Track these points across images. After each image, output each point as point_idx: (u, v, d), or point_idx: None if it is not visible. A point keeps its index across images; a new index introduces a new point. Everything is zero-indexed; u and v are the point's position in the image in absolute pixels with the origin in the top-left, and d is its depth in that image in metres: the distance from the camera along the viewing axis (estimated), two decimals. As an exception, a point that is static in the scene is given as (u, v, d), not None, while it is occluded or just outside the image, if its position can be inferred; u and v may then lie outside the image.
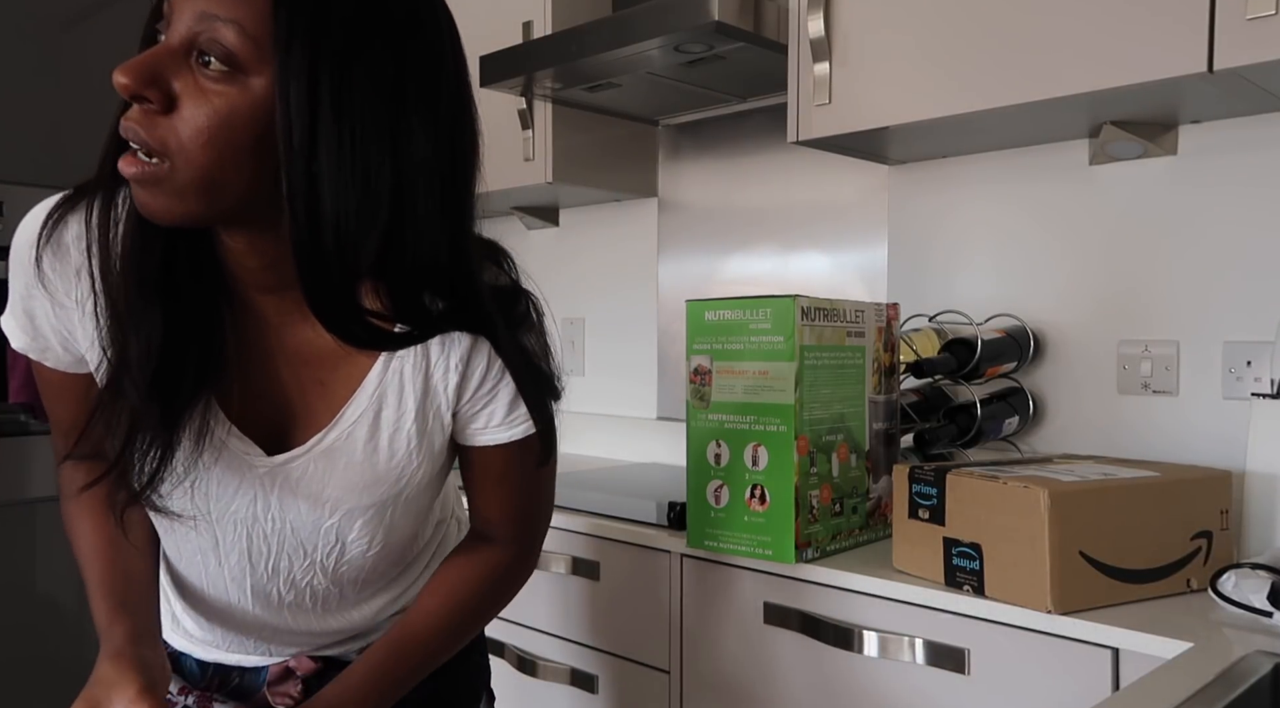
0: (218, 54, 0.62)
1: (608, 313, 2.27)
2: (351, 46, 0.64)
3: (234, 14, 0.62)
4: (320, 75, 0.63)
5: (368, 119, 0.65)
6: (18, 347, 0.81)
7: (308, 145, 0.63)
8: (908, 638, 1.14)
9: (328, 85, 0.63)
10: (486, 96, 2.03)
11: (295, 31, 0.62)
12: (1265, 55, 1.08)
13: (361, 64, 0.64)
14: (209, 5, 0.62)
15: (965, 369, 1.47)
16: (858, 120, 1.44)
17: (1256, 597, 0.98)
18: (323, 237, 0.66)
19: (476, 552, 0.93)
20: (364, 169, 0.65)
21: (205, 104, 0.63)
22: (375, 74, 0.65)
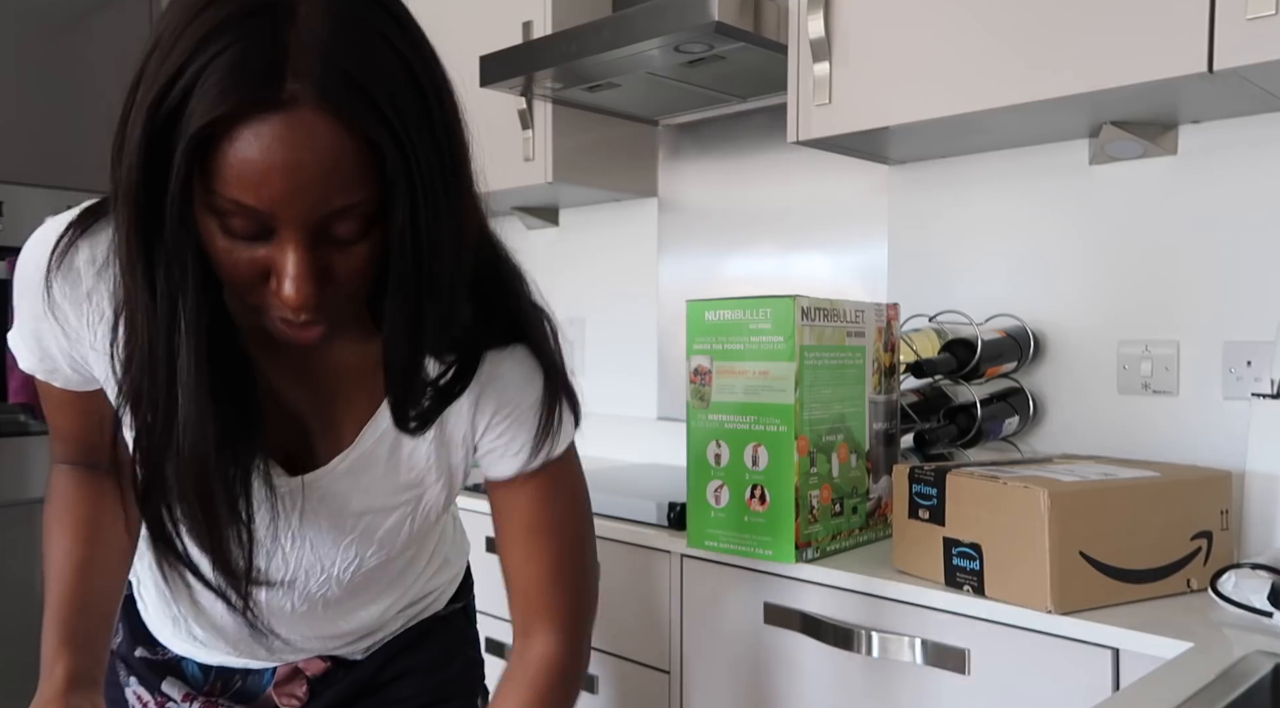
0: (349, 236, 0.64)
1: (608, 313, 2.27)
2: (444, 165, 0.65)
3: (349, 201, 0.62)
4: (427, 202, 0.64)
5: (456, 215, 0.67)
6: (25, 368, 0.81)
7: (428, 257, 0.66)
8: (908, 638, 1.14)
9: (437, 208, 0.65)
10: (486, 96, 2.04)
11: (404, 184, 0.63)
12: (1265, 55, 1.08)
13: (449, 176, 0.66)
14: (321, 203, 0.61)
15: (965, 369, 1.47)
16: (858, 120, 1.44)
17: (1256, 597, 0.98)
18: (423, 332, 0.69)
19: (526, 665, 0.85)
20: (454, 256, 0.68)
21: (353, 261, 0.65)
22: (459, 173, 0.68)
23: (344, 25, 0.60)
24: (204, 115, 0.57)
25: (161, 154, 0.59)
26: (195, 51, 0.58)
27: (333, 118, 0.59)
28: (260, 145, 0.58)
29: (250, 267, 0.63)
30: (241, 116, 0.58)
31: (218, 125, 0.58)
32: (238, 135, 0.58)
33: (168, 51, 0.59)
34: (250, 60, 0.57)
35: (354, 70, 0.59)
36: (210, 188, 0.60)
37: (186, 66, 0.58)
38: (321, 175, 0.59)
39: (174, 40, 0.59)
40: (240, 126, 0.58)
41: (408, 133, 0.61)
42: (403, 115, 0.61)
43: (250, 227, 0.61)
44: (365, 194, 0.62)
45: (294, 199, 0.59)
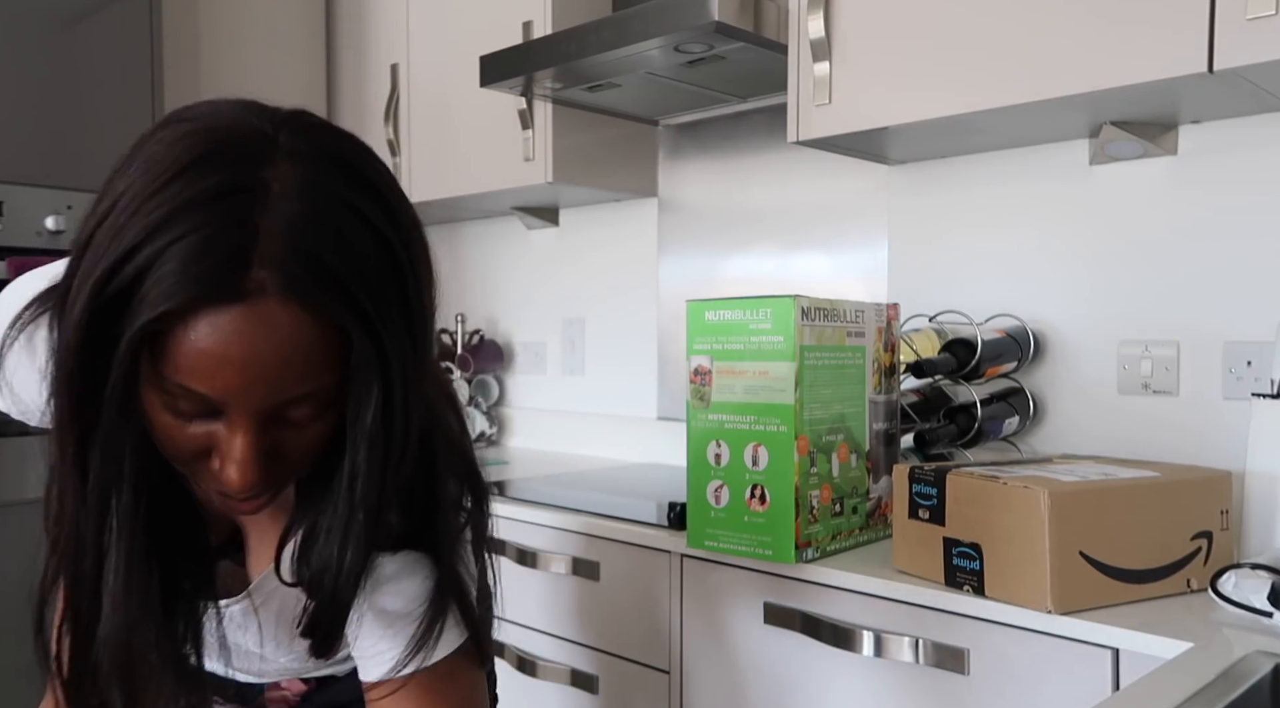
0: (303, 420, 0.59)
1: (608, 313, 2.27)
2: (415, 349, 0.61)
3: (308, 389, 0.57)
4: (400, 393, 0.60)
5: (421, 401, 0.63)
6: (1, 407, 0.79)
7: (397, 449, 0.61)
8: (908, 638, 1.14)
9: (407, 398, 0.60)
10: (487, 96, 2.04)
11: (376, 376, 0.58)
12: (1265, 55, 1.08)
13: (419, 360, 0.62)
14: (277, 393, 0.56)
15: (965, 369, 1.47)
16: (858, 120, 1.44)
17: (1256, 597, 0.98)
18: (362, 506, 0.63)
19: None
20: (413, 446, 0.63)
21: (305, 440, 0.60)
22: (427, 354, 0.63)
23: (319, 204, 0.55)
24: (156, 305, 0.52)
25: (105, 338, 0.54)
26: (154, 231, 0.53)
27: (299, 308, 0.54)
28: (217, 338, 0.53)
29: (194, 441, 0.59)
30: (200, 308, 0.53)
31: (171, 318, 0.53)
32: (193, 324, 0.53)
33: (123, 223, 0.53)
34: (215, 248, 0.52)
35: (326, 255, 0.54)
36: (159, 371, 0.55)
37: (142, 246, 0.52)
38: (281, 367, 0.55)
39: (131, 211, 0.53)
40: (197, 317, 0.53)
41: (380, 318, 0.57)
42: (376, 300, 0.56)
43: (199, 409, 0.57)
44: (326, 380, 0.58)
45: (249, 390, 0.55)
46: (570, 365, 2.34)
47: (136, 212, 0.53)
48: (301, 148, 0.57)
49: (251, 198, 0.54)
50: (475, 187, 2.10)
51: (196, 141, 0.55)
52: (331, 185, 0.56)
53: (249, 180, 0.54)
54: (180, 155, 0.54)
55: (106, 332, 0.54)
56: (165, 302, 0.52)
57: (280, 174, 0.55)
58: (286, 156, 0.56)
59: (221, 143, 0.55)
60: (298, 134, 0.57)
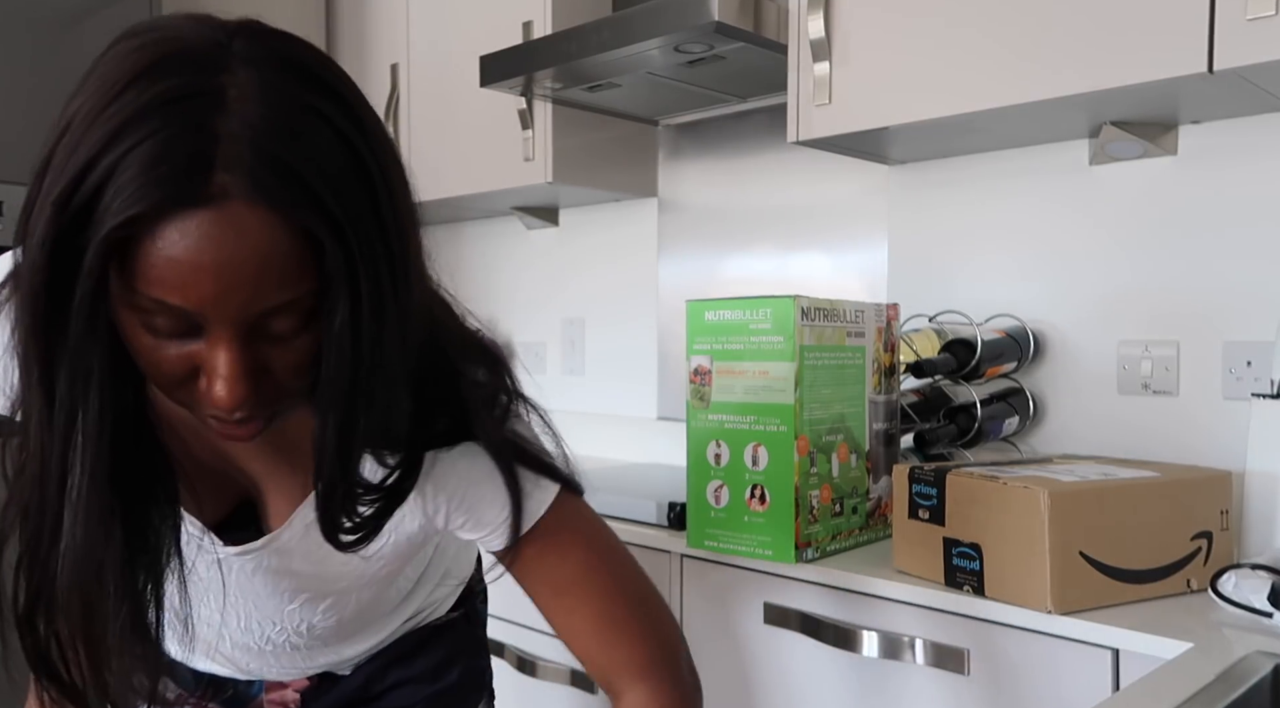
0: (286, 332, 0.59)
1: (608, 313, 2.27)
2: (390, 254, 0.60)
3: (286, 297, 0.56)
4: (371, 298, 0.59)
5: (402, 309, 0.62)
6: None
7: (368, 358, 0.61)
8: (908, 638, 1.14)
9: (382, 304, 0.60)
10: (487, 96, 2.04)
11: (345, 279, 0.58)
12: (1265, 55, 1.08)
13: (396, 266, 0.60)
14: (255, 302, 0.55)
15: (965, 369, 1.47)
16: (858, 120, 1.44)
17: (1256, 597, 0.98)
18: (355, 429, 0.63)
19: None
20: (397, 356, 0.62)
21: (291, 356, 0.60)
22: (407, 261, 0.62)
23: (279, 108, 0.54)
24: (120, 212, 0.51)
25: (70, 252, 0.53)
26: (111, 140, 0.52)
27: (266, 210, 0.53)
28: (186, 244, 0.52)
29: (177, 363, 0.58)
30: (164, 213, 0.52)
31: (137, 223, 0.52)
32: (160, 233, 0.52)
33: (79, 139, 0.53)
34: (174, 152, 0.52)
35: (290, 157, 0.54)
36: (131, 286, 0.54)
37: (99, 158, 0.52)
38: (255, 273, 0.54)
39: (86, 126, 0.53)
40: (163, 224, 0.52)
41: (350, 222, 0.56)
42: (344, 203, 0.56)
43: (177, 325, 0.56)
44: (305, 288, 0.57)
45: (225, 299, 0.54)
46: (570, 365, 2.34)
47: (92, 124, 0.53)
48: (257, 54, 0.56)
49: (208, 102, 0.53)
50: (475, 186, 2.10)
51: (147, 53, 0.54)
52: (290, 88, 0.55)
53: (205, 85, 0.53)
54: (132, 66, 0.54)
55: (70, 248, 0.53)
56: (128, 208, 0.51)
57: (237, 80, 0.54)
58: (242, 63, 0.55)
59: (174, 52, 0.55)
60: (252, 40, 0.57)
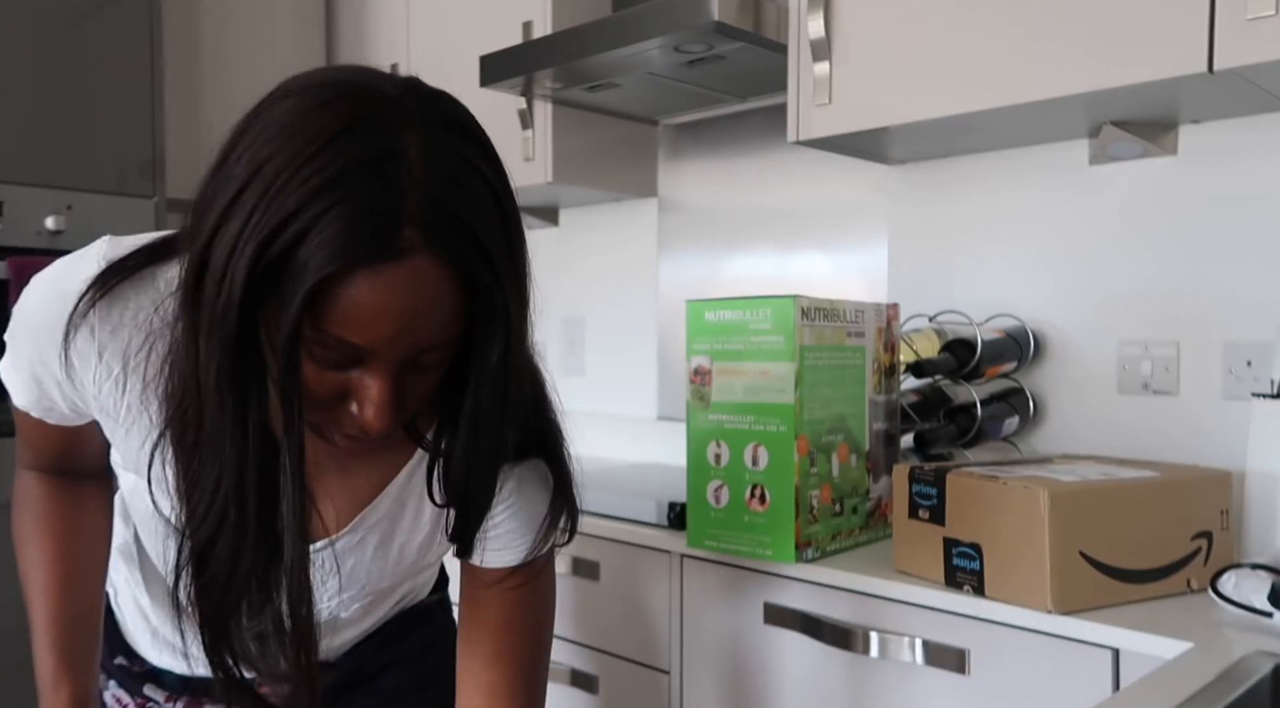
0: (430, 365, 0.65)
1: (608, 313, 2.27)
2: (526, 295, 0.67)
3: (444, 338, 0.63)
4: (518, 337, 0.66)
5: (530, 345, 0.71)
6: (20, 404, 0.80)
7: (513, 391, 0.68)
8: (908, 638, 1.14)
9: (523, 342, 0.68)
10: (487, 96, 2.04)
11: (501, 322, 0.64)
12: (1265, 55, 1.08)
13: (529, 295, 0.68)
14: (421, 342, 0.62)
15: (965, 369, 1.47)
16: (858, 120, 1.44)
17: (1257, 597, 0.98)
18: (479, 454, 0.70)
19: None
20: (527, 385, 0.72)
21: (425, 386, 0.67)
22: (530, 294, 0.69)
23: (448, 164, 0.61)
24: (324, 267, 0.57)
25: (262, 293, 0.58)
26: (312, 198, 0.57)
27: (443, 261, 0.60)
28: (376, 294, 0.58)
29: (331, 388, 0.64)
30: (360, 267, 0.58)
31: (336, 275, 0.58)
32: (353, 282, 0.58)
33: (277, 190, 0.57)
34: (372, 211, 0.57)
35: (460, 211, 0.60)
36: (315, 324, 0.60)
37: (301, 212, 0.57)
38: (427, 317, 0.61)
39: (285, 179, 0.57)
40: (356, 275, 0.58)
41: (505, 268, 0.63)
42: (500, 251, 0.62)
43: (344, 358, 0.62)
44: (455, 329, 0.63)
45: (399, 340, 0.61)
46: (570, 365, 2.34)
47: (291, 179, 0.57)
48: (425, 111, 0.62)
49: (395, 162, 0.58)
50: (475, 187, 2.10)
51: (338, 111, 0.59)
52: (454, 144, 0.62)
53: (391, 146, 0.59)
54: (325, 124, 0.58)
55: (265, 289, 0.58)
56: (331, 263, 0.57)
57: (414, 138, 0.60)
58: (415, 121, 0.60)
59: (361, 111, 0.60)
60: (419, 99, 0.62)
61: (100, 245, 0.73)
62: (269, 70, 2.72)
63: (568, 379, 2.35)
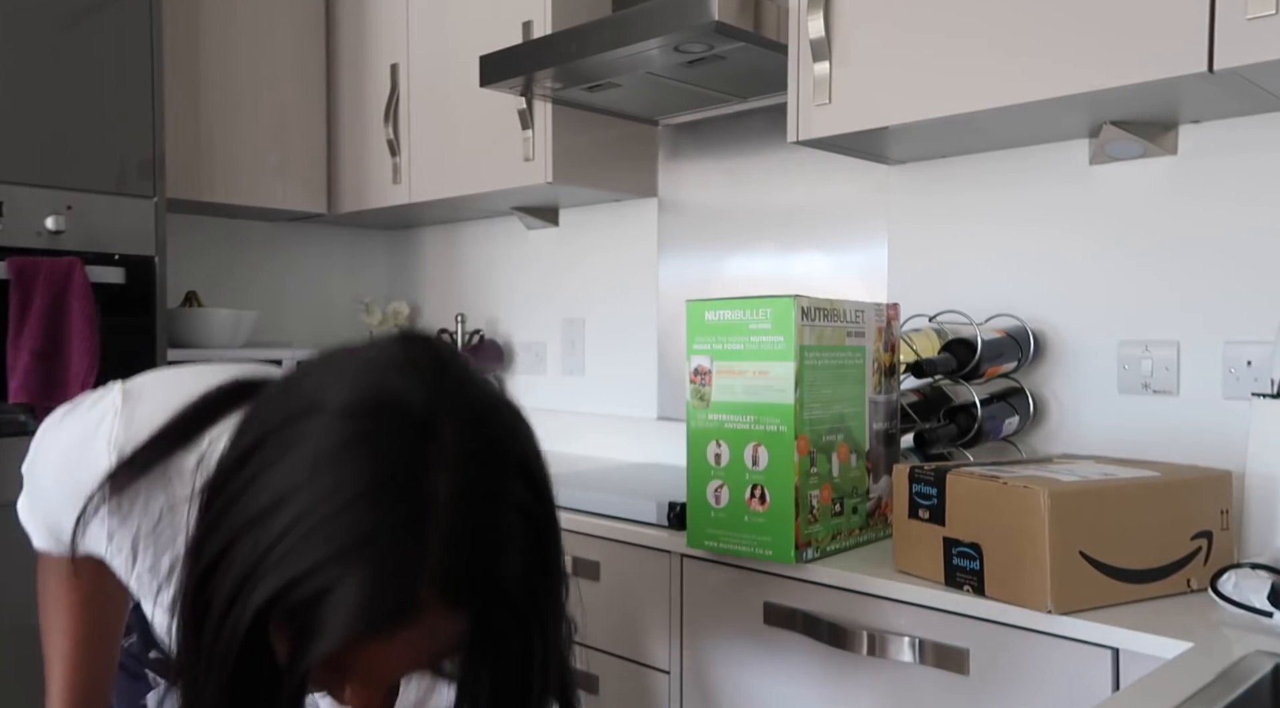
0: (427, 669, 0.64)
1: (608, 313, 2.27)
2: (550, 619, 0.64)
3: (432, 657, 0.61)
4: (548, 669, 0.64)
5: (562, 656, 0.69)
6: (38, 547, 0.85)
7: None
8: (908, 638, 1.14)
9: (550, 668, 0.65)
10: (487, 96, 2.04)
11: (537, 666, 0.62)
12: (1265, 55, 1.08)
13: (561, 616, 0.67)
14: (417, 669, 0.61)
15: (965, 369, 1.47)
16: (858, 120, 1.44)
17: (1257, 597, 0.98)
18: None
19: None
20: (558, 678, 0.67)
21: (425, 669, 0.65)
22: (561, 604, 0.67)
23: (478, 512, 0.58)
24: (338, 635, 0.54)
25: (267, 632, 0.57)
26: (335, 558, 0.54)
27: (457, 612, 0.57)
28: (382, 649, 0.57)
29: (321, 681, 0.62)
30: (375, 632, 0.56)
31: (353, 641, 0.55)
32: (365, 643, 0.56)
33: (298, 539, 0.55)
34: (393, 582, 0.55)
35: (485, 563, 0.57)
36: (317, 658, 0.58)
37: (321, 569, 0.54)
38: (430, 657, 0.60)
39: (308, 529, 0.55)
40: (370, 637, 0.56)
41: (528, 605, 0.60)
42: (526, 590, 0.59)
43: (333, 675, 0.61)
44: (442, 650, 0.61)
45: (395, 674, 0.60)
46: (570, 365, 2.34)
47: (314, 532, 0.55)
48: (461, 445, 0.58)
49: (421, 519, 0.55)
50: (475, 186, 2.10)
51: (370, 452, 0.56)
52: (489, 484, 0.58)
53: (420, 498, 0.56)
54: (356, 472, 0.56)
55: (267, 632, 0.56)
56: (347, 631, 0.54)
57: (445, 479, 0.57)
58: (449, 459, 0.57)
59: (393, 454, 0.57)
60: (459, 428, 0.59)
61: (111, 425, 0.74)
62: (269, 70, 2.72)
63: (568, 379, 2.35)
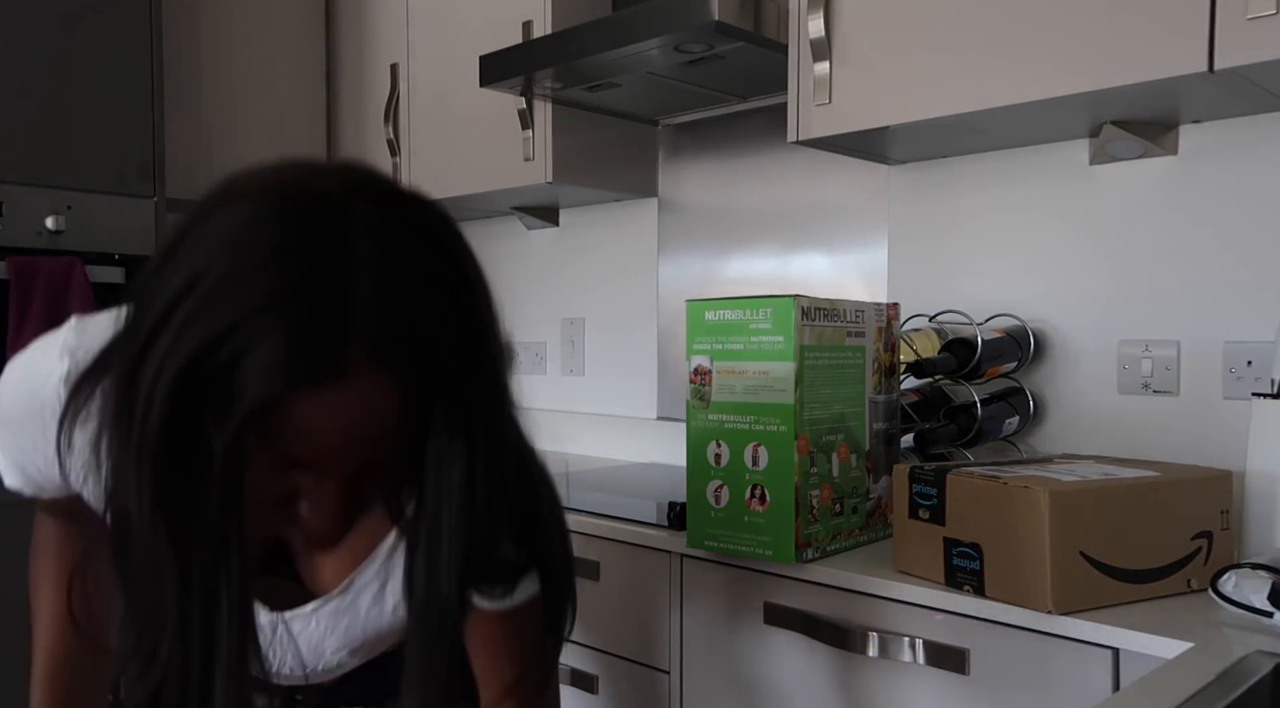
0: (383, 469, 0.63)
1: (608, 313, 2.27)
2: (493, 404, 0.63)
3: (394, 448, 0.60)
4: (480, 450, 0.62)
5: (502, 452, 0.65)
6: (10, 486, 0.82)
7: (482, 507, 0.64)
8: (908, 638, 1.14)
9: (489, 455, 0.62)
10: (487, 96, 2.04)
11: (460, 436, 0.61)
12: (1265, 55, 1.08)
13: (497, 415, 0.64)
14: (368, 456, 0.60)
15: (965, 369, 1.47)
16: (858, 120, 1.44)
17: (1257, 597, 0.98)
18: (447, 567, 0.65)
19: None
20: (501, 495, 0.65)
21: (381, 483, 0.64)
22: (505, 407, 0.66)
23: (399, 280, 0.57)
24: (263, 391, 0.54)
25: (192, 408, 0.55)
26: (250, 316, 0.54)
27: (389, 380, 0.57)
28: (316, 414, 0.56)
29: (278, 489, 0.61)
30: (301, 389, 0.55)
31: (276, 398, 0.55)
32: (293, 403, 0.55)
33: (214, 303, 0.54)
34: (312, 333, 0.54)
35: (411, 330, 0.57)
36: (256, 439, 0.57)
37: (238, 328, 0.53)
38: (373, 434, 0.58)
39: (223, 293, 0.54)
40: (298, 397, 0.55)
41: (462, 383, 0.60)
42: (457, 366, 0.59)
43: (289, 465, 0.59)
44: (410, 438, 0.60)
45: (344, 456, 0.59)
46: (570, 365, 2.34)
47: (229, 294, 0.54)
48: (377, 221, 0.58)
49: (341, 281, 0.55)
50: (475, 186, 2.10)
51: (279, 222, 0.56)
52: (411, 256, 0.58)
53: (337, 261, 0.56)
54: (266, 237, 0.55)
55: (192, 408, 0.55)
56: (270, 387, 0.54)
57: (363, 251, 0.56)
58: (366, 232, 0.57)
59: (304, 222, 0.56)
60: (374, 205, 0.59)
61: (66, 334, 0.73)
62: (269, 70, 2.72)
63: (568, 379, 2.35)
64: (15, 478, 0.80)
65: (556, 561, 0.80)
